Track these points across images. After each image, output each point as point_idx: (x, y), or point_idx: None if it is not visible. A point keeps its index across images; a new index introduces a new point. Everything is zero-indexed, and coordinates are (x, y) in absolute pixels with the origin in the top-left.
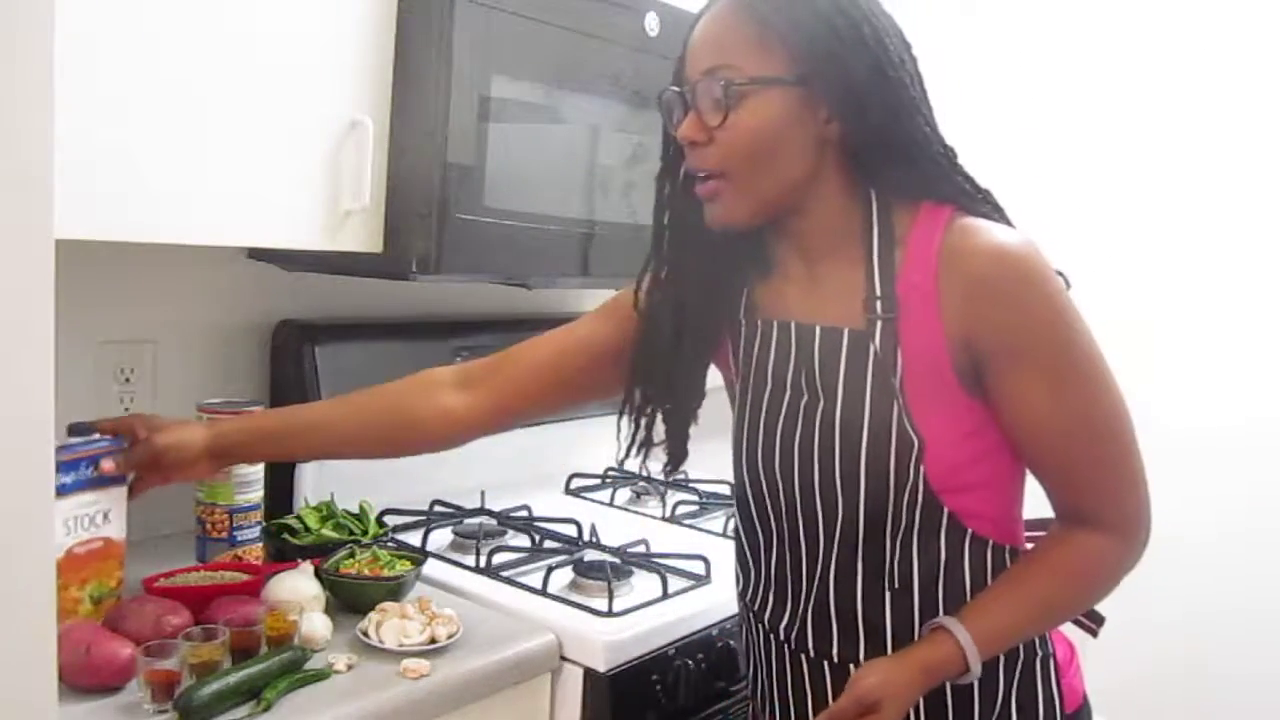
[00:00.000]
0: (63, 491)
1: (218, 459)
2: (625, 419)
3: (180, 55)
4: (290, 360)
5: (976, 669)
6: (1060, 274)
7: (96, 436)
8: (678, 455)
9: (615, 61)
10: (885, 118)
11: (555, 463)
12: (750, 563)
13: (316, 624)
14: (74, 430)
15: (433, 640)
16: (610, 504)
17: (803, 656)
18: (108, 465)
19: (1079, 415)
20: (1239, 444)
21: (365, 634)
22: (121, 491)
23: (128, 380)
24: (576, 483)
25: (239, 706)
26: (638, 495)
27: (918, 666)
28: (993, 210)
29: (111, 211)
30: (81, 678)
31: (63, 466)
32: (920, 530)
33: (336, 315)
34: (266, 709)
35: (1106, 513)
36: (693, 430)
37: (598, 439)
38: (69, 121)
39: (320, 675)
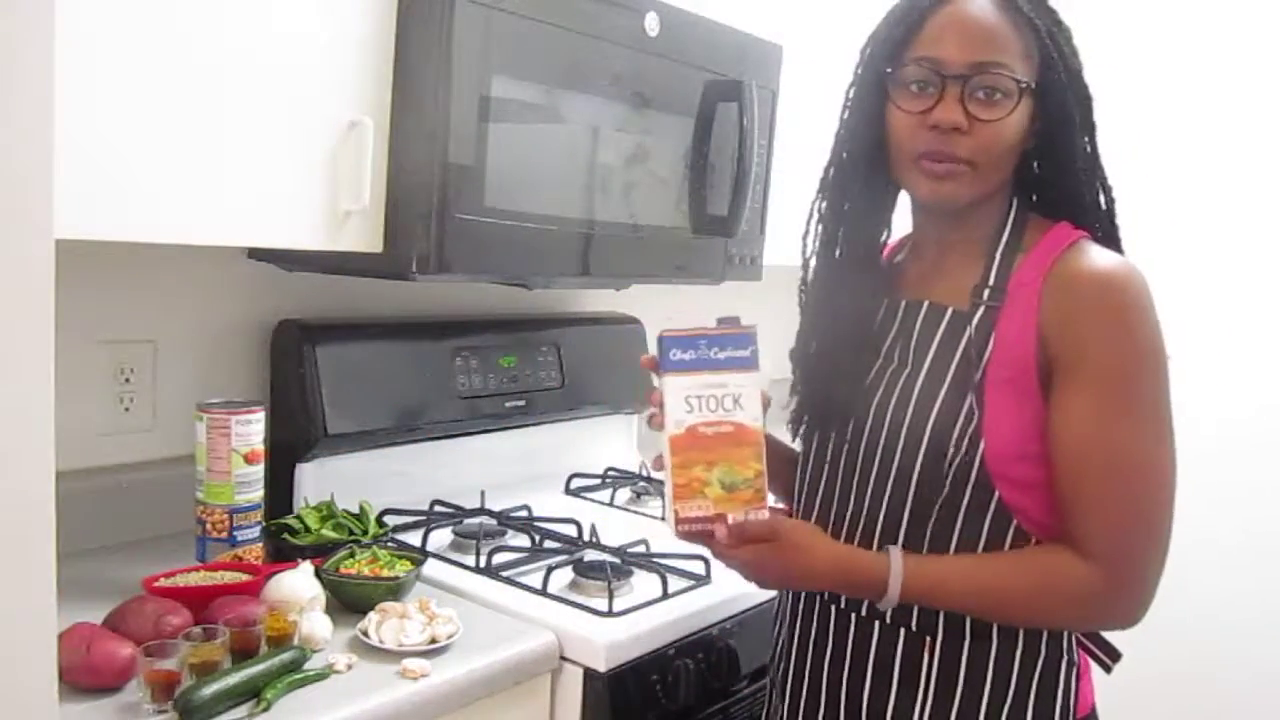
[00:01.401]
0: (678, 367)
1: None
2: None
3: (180, 55)
4: (290, 360)
5: (892, 597)
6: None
7: (737, 325)
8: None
9: (615, 61)
10: (1079, 142)
11: (555, 463)
12: (810, 520)
13: (316, 624)
14: (721, 321)
15: (433, 640)
16: (610, 504)
17: (852, 615)
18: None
19: (1108, 443)
20: (1256, 449)
21: (365, 634)
22: (754, 378)
23: (128, 380)
24: (576, 483)
25: (239, 706)
26: (638, 495)
27: (837, 556)
28: (1118, 249)
29: (111, 211)
30: (81, 678)
31: (679, 344)
32: (968, 507)
33: (336, 315)
34: (266, 709)
35: (1096, 545)
36: None
37: (598, 439)
38: (69, 121)
39: (320, 675)
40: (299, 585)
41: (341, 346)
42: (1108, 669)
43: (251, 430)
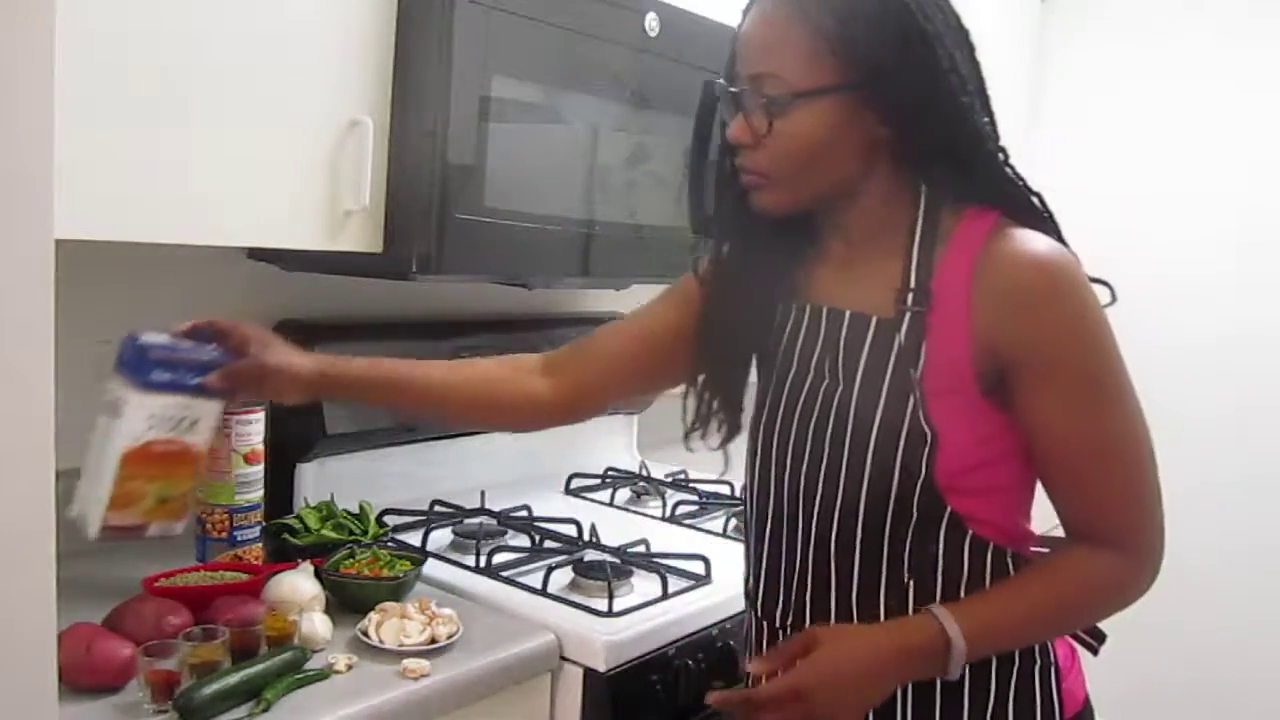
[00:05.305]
0: (156, 387)
1: (318, 390)
2: (690, 397)
3: (180, 55)
4: None
5: (956, 669)
6: (1105, 284)
7: (211, 346)
8: (734, 426)
9: (615, 61)
10: (936, 125)
11: (555, 463)
12: (754, 551)
13: (316, 624)
14: (191, 332)
15: (433, 640)
16: (610, 504)
17: None
18: (214, 380)
19: (1096, 434)
20: (1244, 448)
21: (365, 634)
22: (217, 406)
23: None
24: (576, 483)
25: (239, 706)
26: (638, 495)
27: (894, 643)
28: (1040, 218)
29: (111, 211)
30: (81, 677)
31: (162, 364)
32: (918, 525)
33: (336, 315)
34: (266, 709)
35: (1116, 533)
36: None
37: (598, 439)
38: (69, 121)
39: (320, 675)
40: (299, 585)
41: (341, 346)
42: (1094, 651)
43: (251, 430)
